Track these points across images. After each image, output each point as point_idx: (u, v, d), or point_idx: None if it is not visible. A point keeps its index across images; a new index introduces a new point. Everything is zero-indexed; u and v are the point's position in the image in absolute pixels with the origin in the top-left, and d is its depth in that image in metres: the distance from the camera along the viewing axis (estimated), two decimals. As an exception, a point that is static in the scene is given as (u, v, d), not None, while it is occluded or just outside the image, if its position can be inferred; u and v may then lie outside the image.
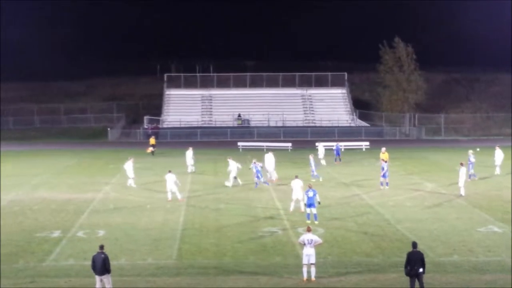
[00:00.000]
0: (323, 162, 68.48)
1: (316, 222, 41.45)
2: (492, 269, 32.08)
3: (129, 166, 56.45)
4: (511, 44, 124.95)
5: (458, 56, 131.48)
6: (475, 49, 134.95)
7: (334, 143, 75.72)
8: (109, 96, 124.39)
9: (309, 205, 41.91)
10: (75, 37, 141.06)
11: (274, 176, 59.19)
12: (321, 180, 57.97)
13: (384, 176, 54.55)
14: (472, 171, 58.89)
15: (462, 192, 50.37)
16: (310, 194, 41.85)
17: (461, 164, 51.36)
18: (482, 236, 38.41)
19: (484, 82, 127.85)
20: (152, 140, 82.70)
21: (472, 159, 59.30)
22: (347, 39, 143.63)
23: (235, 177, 56.55)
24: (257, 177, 55.99)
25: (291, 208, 44.95)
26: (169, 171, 50.51)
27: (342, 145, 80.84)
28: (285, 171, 62.16)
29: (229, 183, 56.24)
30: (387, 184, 54.35)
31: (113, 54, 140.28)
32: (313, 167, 59.24)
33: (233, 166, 56.39)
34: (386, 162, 55.78)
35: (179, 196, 49.73)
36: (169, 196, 49.79)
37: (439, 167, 68.37)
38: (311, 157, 59.99)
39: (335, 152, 72.83)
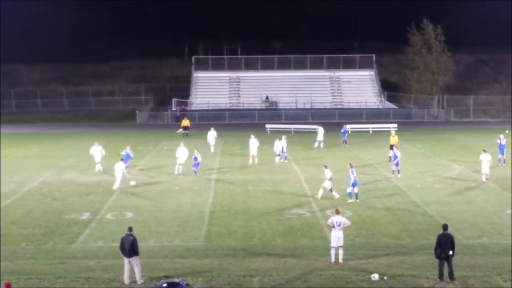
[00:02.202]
0: (321, 145, 68.53)
1: (358, 200, 42.51)
2: (521, 252, 31.92)
3: (96, 150, 55.89)
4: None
5: (486, 37, 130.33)
6: (503, 30, 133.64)
7: (360, 125, 75.38)
8: (137, 78, 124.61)
9: (353, 184, 43.08)
10: (102, 18, 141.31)
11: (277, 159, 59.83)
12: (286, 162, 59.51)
13: (396, 164, 52.01)
14: (500, 155, 57.42)
15: (484, 178, 49.69)
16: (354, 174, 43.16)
17: (484, 151, 50.62)
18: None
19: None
20: (185, 122, 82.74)
21: (503, 143, 57.98)
22: (375, 20, 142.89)
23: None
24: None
25: (320, 195, 44.55)
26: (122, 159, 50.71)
27: (349, 127, 79.97)
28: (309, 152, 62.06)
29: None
30: (399, 172, 51.96)
31: (140, 36, 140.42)
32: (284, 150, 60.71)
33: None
34: (396, 147, 54.40)
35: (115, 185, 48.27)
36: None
37: (467, 149, 67.94)
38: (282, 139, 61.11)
39: (342, 134, 72.57)
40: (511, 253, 31.48)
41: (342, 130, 73.28)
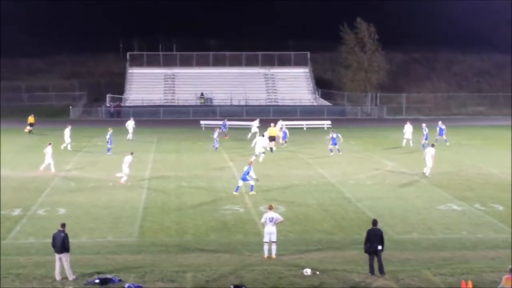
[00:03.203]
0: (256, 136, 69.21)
1: (251, 193, 43.57)
2: (451, 246, 32.48)
3: (48, 151, 53.72)
4: (470, 24, 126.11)
5: (419, 36, 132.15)
6: (435, 29, 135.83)
7: (294, 122, 76.00)
8: (71, 74, 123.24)
9: (243, 179, 44.50)
10: (35, 12, 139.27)
11: None
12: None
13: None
14: (426, 141, 62.95)
15: (428, 172, 50.50)
16: (245, 168, 44.35)
17: (432, 146, 51.74)
18: (441, 214, 38.86)
19: (444, 62, 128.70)
20: (31, 119, 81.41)
21: (426, 131, 64.79)
22: (310, 19, 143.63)
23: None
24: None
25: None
26: (131, 153, 50.03)
27: (285, 124, 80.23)
28: (244, 149, 62.28)
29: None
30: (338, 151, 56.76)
31: (74, 31, 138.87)
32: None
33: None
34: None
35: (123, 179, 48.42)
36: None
37: (400, 146, 68.82)
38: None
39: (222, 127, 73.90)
40: (441, 248, 32.12)
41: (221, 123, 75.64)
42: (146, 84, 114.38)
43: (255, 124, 71.85)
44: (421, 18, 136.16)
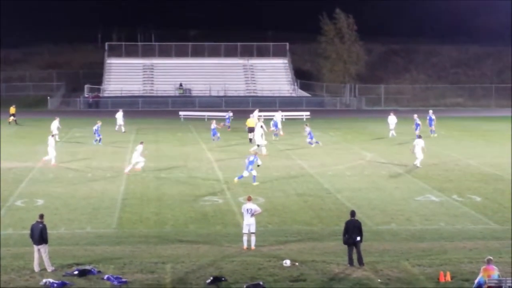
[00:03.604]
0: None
1: (255, 184, 43.43)
2: (429, 237, 32.64)
3: (51, 142, 53.16)
4: (449, 16, 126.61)
5: (398, 27, 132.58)
6: (414, 21, 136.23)
7: (273, 113, 75.77)
8: (49, 64, 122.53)
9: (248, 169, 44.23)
10: (12, 2, 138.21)
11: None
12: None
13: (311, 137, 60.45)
14: (417, 132, 61.77)
15: (418, 163, 50.48)
16: (251, 158, 44.09)
17: (419, 137, 51.96)
18: (420, 205, 39.03)
19: (422, 53, 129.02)
20: (12, 109, 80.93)
21: (418, 122, 65.70)
22: (289, 9, 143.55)
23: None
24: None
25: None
26: (141, 142, 50.03)
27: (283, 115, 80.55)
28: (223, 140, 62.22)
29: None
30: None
31: (52, 21, 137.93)
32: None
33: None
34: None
35: (140, 165, 48.59)
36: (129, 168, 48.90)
37: (378, 137, 69.07)
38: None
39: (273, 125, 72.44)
40: (418, 239, 32.28)
41: (226, 117, 75.17)
42: (124, 74, 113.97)
43: (278, 116, 71.41)
44: (400, 10, 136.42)
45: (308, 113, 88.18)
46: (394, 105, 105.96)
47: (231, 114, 76.36)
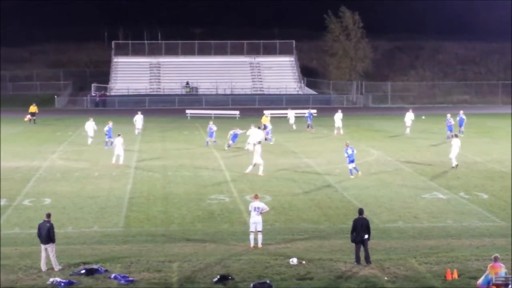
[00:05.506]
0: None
1: (359, 173, 45.91)
2: (436, 235, 32.63)
3: (89, 126, 60.27)
4: (455, 13, 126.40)
5: (404, 24, 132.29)
6: (419, 17, 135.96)
7: (280, 111, 76.04)
8: (56, 63, 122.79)
9: (351, 161, 45.92)
10: (19, 1, 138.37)
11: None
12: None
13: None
14: (449, 133, 62.60)
15: (454, 163, 49.52)
16: (349, 151, 45.89)
17: (455, 136, 51.70)
18: (427, 203, 38.98)
19: (428, 50, 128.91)
20: (33, 108, 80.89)
21: (452, 122, 64.43)
22: (295, 6, 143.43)
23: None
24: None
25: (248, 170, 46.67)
26: (119, 135, 51.01)
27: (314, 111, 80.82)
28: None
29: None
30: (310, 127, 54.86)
31: (59, 20, 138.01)
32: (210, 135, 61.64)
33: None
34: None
35: (121, 161, 50.64)
36: (114, 159, 50.69)
37: (385, 134, 69.01)
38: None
39: (308, 118, 73.57)
40: (426, 236, 32.26)
41: (307, 114, 74.11)
42: (131, 73, 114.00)
43: (291, 115, 71.89)
44: (405, 7, 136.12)
45: (315, 110, 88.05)
46: (400, 103, 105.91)
47: (313, 111, 76.48)
